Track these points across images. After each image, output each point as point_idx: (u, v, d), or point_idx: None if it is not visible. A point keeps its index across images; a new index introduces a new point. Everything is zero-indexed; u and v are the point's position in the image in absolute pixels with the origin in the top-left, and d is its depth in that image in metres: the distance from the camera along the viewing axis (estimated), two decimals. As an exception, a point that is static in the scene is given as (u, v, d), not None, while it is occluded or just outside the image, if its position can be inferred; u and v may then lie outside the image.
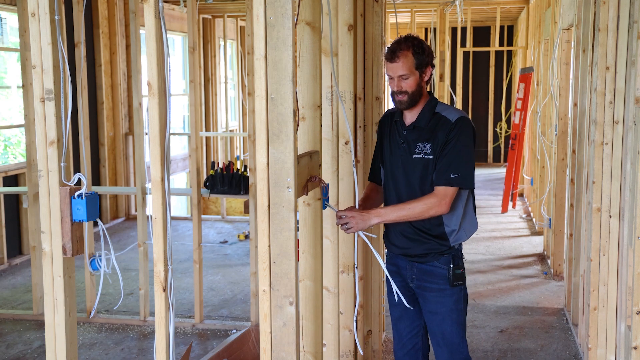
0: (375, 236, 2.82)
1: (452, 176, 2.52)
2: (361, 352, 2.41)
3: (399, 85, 2.56)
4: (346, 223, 2.46)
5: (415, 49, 2.53)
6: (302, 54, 2.06)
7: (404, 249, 2.71)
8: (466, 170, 2.54)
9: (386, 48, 2.60)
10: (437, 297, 2.67)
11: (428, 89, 2.69)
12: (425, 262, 2.67)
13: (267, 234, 1.78)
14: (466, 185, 2.56)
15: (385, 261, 2.83)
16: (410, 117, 2.66)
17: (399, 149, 2.66)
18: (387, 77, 2.63)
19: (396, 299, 2.69)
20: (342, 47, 2.87)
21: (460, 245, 2.71)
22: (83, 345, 4.43)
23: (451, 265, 2.64)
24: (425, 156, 2.58)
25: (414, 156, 2.60)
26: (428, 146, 2.57)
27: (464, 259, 2.72)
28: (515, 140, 8.48)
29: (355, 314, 2.42)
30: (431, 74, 2.62)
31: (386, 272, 2.67)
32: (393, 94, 2.60)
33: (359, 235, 2.55)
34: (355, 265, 2.52)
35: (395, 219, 2.55)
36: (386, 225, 2.80)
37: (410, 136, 2.63)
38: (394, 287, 2.65)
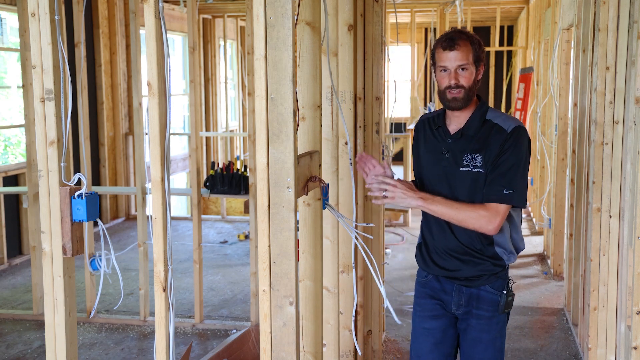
0: (372, 225, 2.77)
1: (505, 192, 2.22)
2: (360, 353, 2.40)
3: (456, 77, 2.23)
4: (385, 190, 2.20)
5: (472, 40, 2.26)
6: (302, 54, 2.06)
7: (452, 271, 2.40)
8: (520, 186, 2.25)
9: (440, 37, 2.30)
10: (483, 324, 2.40)
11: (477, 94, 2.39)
12: (476, 286, 2.38)
13: (267, 234, 1.78)
14: (519, 203, 2.26)
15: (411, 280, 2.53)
16: (456, 123, 2.35)
17: (443, 160, 2.34)
18: (439, 71, 2.28)
19: (387, 306, 2.35)
20: (342, 47, 2.87)
21: (508, 265, 2.44)
22: (83, 345, 4.43)
23: (504, 292, 2.37)
24: (476, 169, 2.27)
25: (462, 169, 2.30)
26: (479, 158, 2.27)
27: (512, 282, 2.45)
28: (515, 140, 8.45)
29: (354, 314, 2.39)
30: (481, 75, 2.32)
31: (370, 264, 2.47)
32: (444, 91, 2.27)
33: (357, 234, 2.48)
34: (354, 265, 2.50)
35: (437, 212, 2.26)
36: (425, 241, 2.49)
37: (457, 146, 2.32)
38: (385, 298, 2.30)
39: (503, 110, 11.92)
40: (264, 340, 1.82)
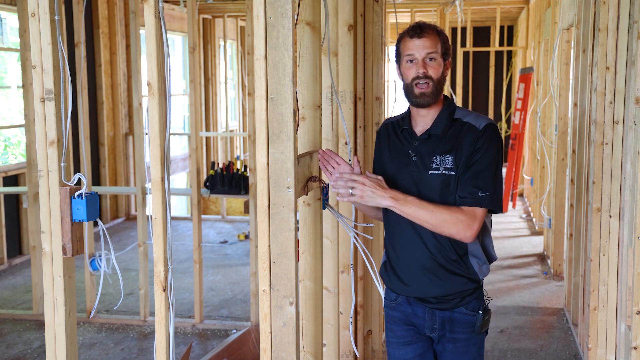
0: (372, 225, 2.70)
1: (480, 195, 2.03)
2: (357, 354, 2.39)
3: (424, 66, 2.06)
4: (353, 188, 2.01)
5: (440, 32, 2.11)
6: (302, 54, 2.06)
7: (421, 290, 2.17)
8: (496, 188, 2.06)
9: (408, 27, 2.13)
10: (460, 347, 2.20)
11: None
12: (449, 309, 2.17)
13: (267, 234, 1.78)
14: (495, 206, 2.06)
15: (383, 301, 2.34)
16: (422, 123, 2.16)
17: (410, 165, 2.14)
18: (405, 62, 2.10)
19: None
20: (342, 47, 2.87)
21: (482, 281, 2.23)
22: (83, 345, 4.43)
23: (480, 312, 2.18)
24: (446, 172, 2.07)
25: (431, 172, 2.09)
26: (449, 159, 2.08)
27: (487, 297, 2.26)
28: (515, 140, 8.48)
29: (352, 314, 2.37)
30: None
31: (373, 274, 2.27)
32: (411, 85, 2.09)
33: (356, 235, 2.46)
34: (352, 265, 2.49)
35: (410, 214, 2.02)
36: (388, 255, 2.28)
37: (424, 148, 2.12)
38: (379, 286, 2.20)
39: (503, 110, 11.93)
40: (264, 340, 1.82)
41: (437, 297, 2.16)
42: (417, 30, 2.07)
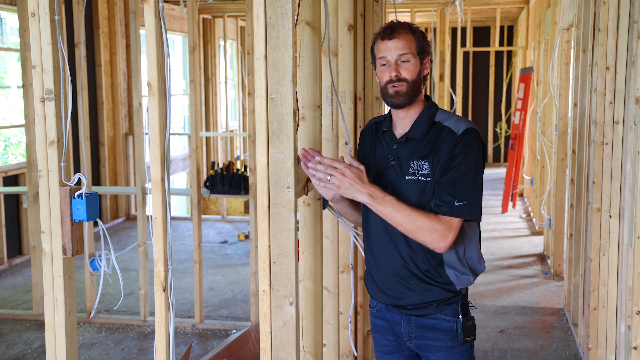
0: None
1: (456, 204, 1.94)
2: (355, 354, 2.40)
3: (396, 69, 1.99)
4: (331, 175, 1.90)
5: (414, 30, 2.04)
6: (302, 54, 2.06)
7: (396, 297, 2.11)
8: (474, 196, 1.96)
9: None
10: (444, 357, 2.11)
11: (425, 93, 2.13)
12: (426, 315, 2.09)
13: (267, 234, 1.78)
14: (473, 216, 1.97)
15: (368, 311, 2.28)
16: (402, 126, 2.09)
17: (388, 169, 2.06)
18: (379, 65, 2.04)
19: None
20: (342, 47, 2.87)
21: (467, 289, 2.14)
22: (83, 345, 4.43)
23: (460, 317, 2.08)
24: (422, 178, 2.00)
25: (407, 177, 2.02)
26: (426, 165, 2.00)
27: (472, 306, 2.16)
28: (515, 140, 8.49)
29: (351, 314, 2.38)
30: (429, 72, 2.09)
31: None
32: (386, 87, 2.02)
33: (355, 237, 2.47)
34: (351, 266, 2.49)
35: (385, 215, 1.94)
36: (367, 262, 2.20)
37: (403, 152, 2.05)
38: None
39: (503, 110, 11.91)
40: (264, 340, 1.82)
41: (412, 304, 2.10)
42: (388, 31, 2.01)
